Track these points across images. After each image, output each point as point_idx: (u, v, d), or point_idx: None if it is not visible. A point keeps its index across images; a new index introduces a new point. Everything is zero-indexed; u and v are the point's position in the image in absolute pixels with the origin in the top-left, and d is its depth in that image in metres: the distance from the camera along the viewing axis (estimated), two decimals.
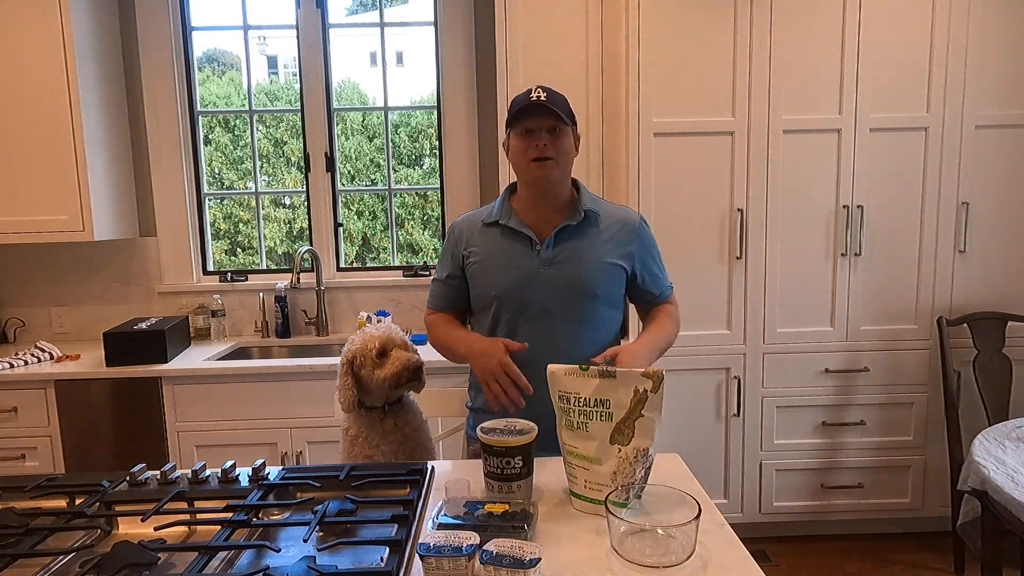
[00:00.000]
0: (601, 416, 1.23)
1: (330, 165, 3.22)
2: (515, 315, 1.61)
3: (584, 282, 1.58)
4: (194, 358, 2.75)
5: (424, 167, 3.39)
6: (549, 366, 1.30)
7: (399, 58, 3.30)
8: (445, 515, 1.14)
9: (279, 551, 1.09)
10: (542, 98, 1.51)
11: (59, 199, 2.76)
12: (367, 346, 1.51)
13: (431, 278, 1.78)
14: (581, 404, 1.25)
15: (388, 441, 1.54)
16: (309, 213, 3.25)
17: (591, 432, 1.24)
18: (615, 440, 1.22)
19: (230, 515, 1.17)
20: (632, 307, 1.81)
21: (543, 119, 1.52)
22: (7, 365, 2.64)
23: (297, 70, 3.20)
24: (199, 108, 3.22)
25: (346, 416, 1.59)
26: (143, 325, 2.76)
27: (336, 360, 2.69)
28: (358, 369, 1.51)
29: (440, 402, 1.94)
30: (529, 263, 1.59)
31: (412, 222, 3.39)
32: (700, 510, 1.07)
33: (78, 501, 1.29)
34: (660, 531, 1.09)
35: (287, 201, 3.41)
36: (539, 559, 0.94)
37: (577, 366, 1.26)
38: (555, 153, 1.53)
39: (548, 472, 1.40)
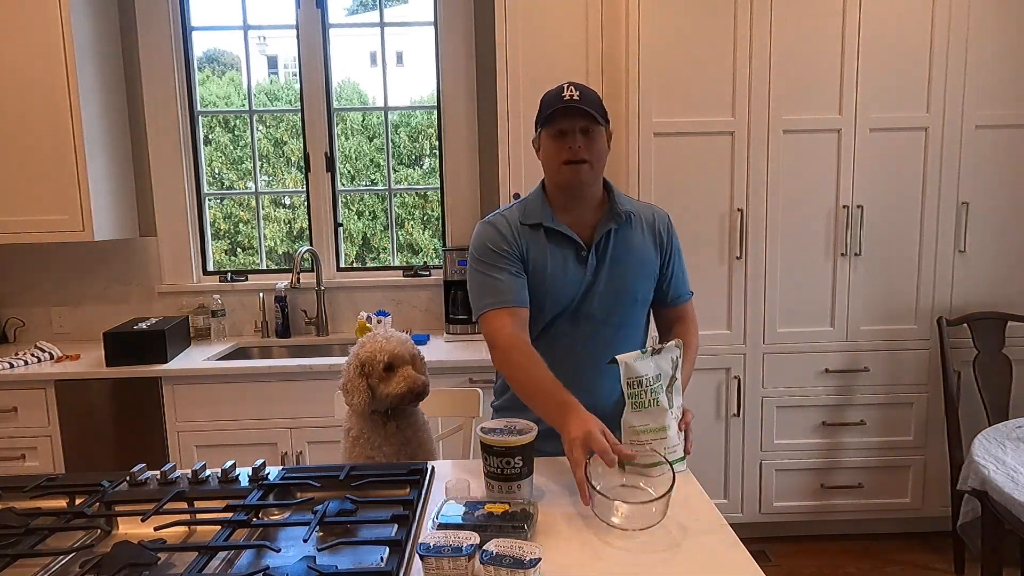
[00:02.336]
0: (662, 388, 1.35)
1: (330, 165, 3.22)
2: (558, 317, 1.55)
3: (628, 288, 1.55)
4: (194, 358, 2.75)
5: (424, 167, 3.39)
6: (619, 357, 1.34)
7: (399, 58, 3.30)
8: (445, 515, 1.14)
9: (279, 551, 1.09)
10: (575, 97, 1.44)
11: (59, 199, 2.76)
12: (376, 357, 1.51)
13: (488, 276, 1.51)
14: (650, 382, 1.34)
15: (390, 443, 1.54)
16: (309, 213, 3.25)
17: (662, 403, 1.34)
18: (672, 407, 1.37)
19: (230, 515, 1.18)
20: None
21: (576, 120, 1.45)
22: (7, 365, 2.64)
23: (297, 70, 3.20)
24: (199, 108, 3.22)
25: (348, 416, 1.59)
26: (143, 325, 2.76)
27: (336, 360, 2.70)
28: (367, 375, 1.51)
29: (442, 402, 1.94)
30: (578, 269, 1.53)
31: (412, 222, 3.39)
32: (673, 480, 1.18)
33: (78, 501, 1.29)
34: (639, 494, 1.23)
35: (287, 201, 3.41)
36: (539, 559, 0.94)
37: (639, 351, 1.36)
38: (588, 155, 1.47)
39: (548, 472, 1.40)
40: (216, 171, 3.34)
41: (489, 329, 1.48)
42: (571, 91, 1.45)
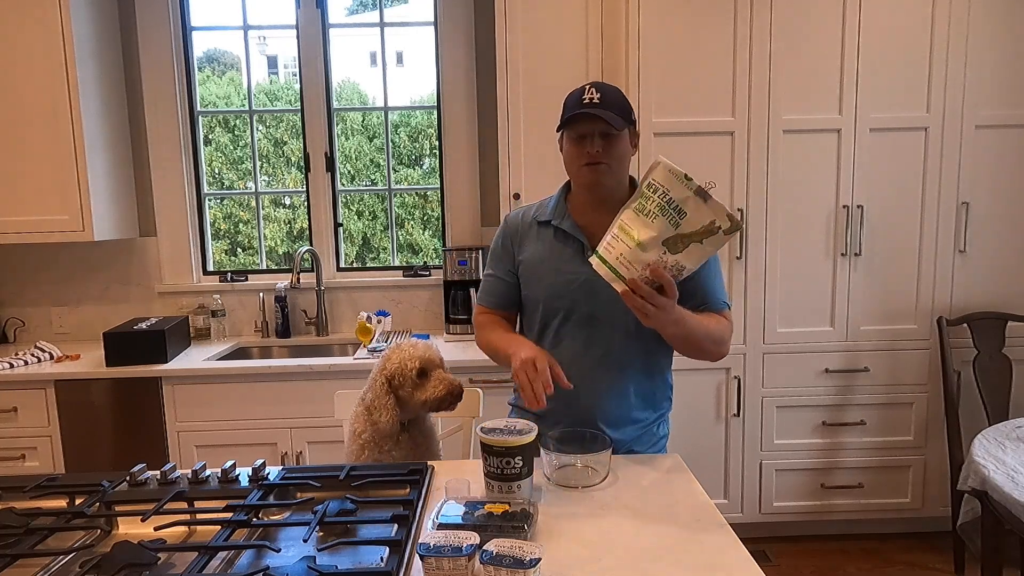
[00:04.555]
0: (671, 220, 1.28)
1: (330, 165, 3.22)
2: (563, 320, 1.54)
3: None
4: (194, 358, 2.75)
5: (424, 167, 3.39)
6: (661, 157, 1.32)
7: (399, 58, 3.30)
8: (445, 515, 1.14)
9: (279, 551, 1.09)
10: (595, 100, 1.42)
11: (59, 199, 2.76)
12: (406, 366, 1.49)
13: (486, 272, 1.67)
14: (663, 200, 1.28)
15: (400, 448, 1.53)
16: (309, 213, 3.25)
17: (654, 225, 1.28)
18: (667, 245, 1.29)
19: (230, 515, 1.18)
20: None
21: (595, 124, 1.42)
22: (7, 365, 2.64)
23: (297, 70, 3.20)
24: (199, 108, 3.22)
25: (355, 417, 1.58)
26: (143, 325, 2.76)
27: (337, 360, 2.70)
28: (396, 388, 1.49)
29: None
30: (578, 268, 1.50)
31: (412, 222, 3.39)
32: (611, 443, 1.39)
33: (78, 501, 1.29)
34: (579, 464, 1.37)
35: (287, 201, 3.41)
36: (539, 559, 0.94)
37: (684, 173, 1.29)
38: (607, 159, 1.44)
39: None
40: (216, 171, 3.34)
41: (474, 317, 1.70)
42: (592, 93, 1.43)
